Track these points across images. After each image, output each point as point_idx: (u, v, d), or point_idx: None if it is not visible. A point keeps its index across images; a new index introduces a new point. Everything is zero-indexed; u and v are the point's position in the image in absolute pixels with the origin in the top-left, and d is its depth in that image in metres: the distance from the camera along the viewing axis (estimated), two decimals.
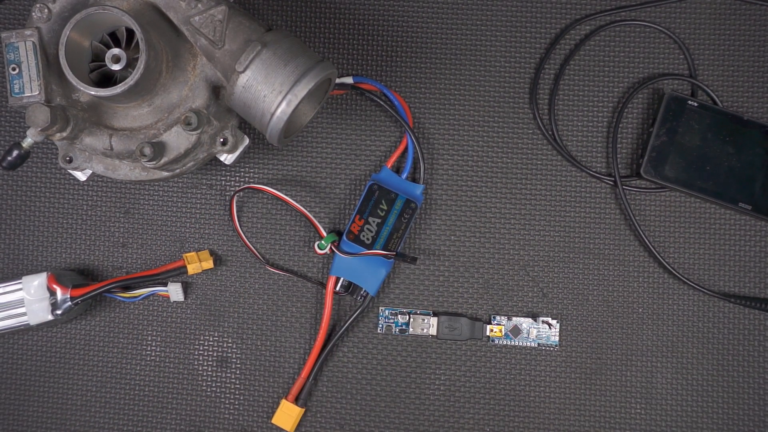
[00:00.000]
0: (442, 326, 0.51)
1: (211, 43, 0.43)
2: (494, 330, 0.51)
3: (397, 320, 0.52)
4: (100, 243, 0.54)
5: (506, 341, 0.51)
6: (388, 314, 0.52)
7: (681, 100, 0.52)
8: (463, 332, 0.51)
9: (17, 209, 0.54)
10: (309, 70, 0.42)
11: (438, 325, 0.51)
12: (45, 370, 0.53)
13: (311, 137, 0.54)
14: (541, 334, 0.51)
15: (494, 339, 0.52)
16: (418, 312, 0.52)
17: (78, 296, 0.49)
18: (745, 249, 0.52)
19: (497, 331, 0.51)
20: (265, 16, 0.55)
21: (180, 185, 0.54)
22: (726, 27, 0.54)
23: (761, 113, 0.53)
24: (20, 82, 0.42)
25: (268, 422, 0.52)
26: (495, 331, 0.51)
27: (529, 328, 0.51)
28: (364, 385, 0.53)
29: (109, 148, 0.44)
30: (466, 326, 0.51)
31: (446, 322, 0.51)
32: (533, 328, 0.51)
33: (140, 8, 0.43)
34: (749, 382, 0.52)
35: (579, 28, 0.54)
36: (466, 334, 0.51)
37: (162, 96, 0.45)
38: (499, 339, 0.52)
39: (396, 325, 0.52)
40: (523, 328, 0.51)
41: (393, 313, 0.52)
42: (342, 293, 0.52)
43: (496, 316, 0.52)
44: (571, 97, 0.54)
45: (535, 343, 0.51)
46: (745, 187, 0.51)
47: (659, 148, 0.52)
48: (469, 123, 0.54)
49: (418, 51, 0.55)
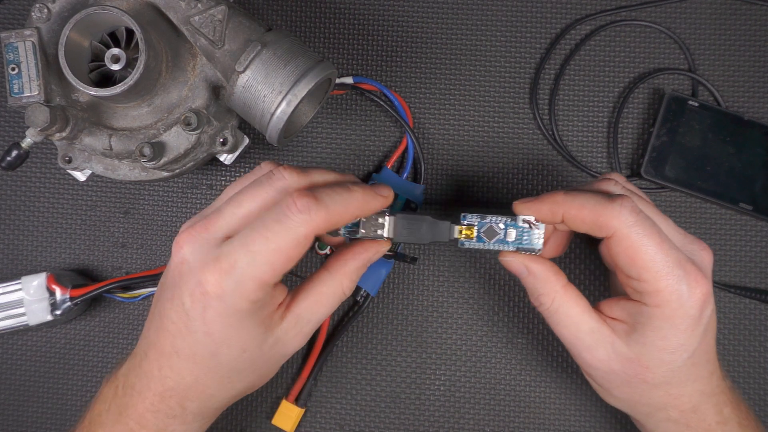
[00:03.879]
0: (399, 227, 0.41)
1: (210, 43, 0.43)
2: (464, 231, 0.41)
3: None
4: (100, 243, 0.54)
5: (479, 245, 0.41)
6: None
7: (681, 100, 0.52)
8: (423, 234, 0.41)
9: (17, 209, 0.54)
10: (309, 70, 0.42)
11: (394, 225, 0.41)
12: (45, 370, 0.53)
13: (311, 137, 0.54)
14: (522, 236, 0.41)
15: (464, 242, 0.41)
16: None
17: (77, 296, 0.49)
18: (746, 249, 0.52)
19: (466, 232, 0.41)
20: (265, 16, 0.55)
21: (180, 185, 0.54)
22: (726, 27, 0.54)
23: (762, 113, 0.53)
24: (19, 82, 0.42)
25: (268, 423, 0.52)
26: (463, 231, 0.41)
27: (507, 229, 0.41)
28: (364, 385, 0.53)
29: (108, 148, 0.44)
30: (427, 226, 0.41)
31: (404, 222, 0.41)
32: (512, 228, 0.41)
33: (140, 8, 0.43)
34: (750, 372, 0.52)
35: (579, 28, 0.54)
36: (427, 237, 0.41)
37: (162, 96, 0.44)
38: (470, 242, 0.41)
39: (345, 228, 0.40)
40: (499, 229, 0.41)
41: None
42: None
43: (467, 215, 0.41)
44: (572, 97, 0.54)
45: (514, 246, 0.41)
46: (746, 188, 0.51)
47: (660, 148, 0.52)
48: (469, 123, 0.54)
49: (418, 51, 0.54)
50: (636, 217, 0.37)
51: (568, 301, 0.40)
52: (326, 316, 0.40)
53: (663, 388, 0.39)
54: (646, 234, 0.37)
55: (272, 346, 0.38)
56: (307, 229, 0.35)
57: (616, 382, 0.40)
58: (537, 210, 0.40)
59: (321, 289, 0.39)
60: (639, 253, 0.37)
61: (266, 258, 0.35)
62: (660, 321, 0.37)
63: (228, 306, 0.36)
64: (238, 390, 0.40)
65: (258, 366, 0.39)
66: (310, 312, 0.39)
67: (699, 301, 0.37)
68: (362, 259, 0.40)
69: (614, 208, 0.37)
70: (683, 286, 0.37)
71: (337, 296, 0.40)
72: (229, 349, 0.37)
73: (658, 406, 0.40)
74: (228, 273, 0.35)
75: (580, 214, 0.38)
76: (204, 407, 0.40)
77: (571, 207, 0.38)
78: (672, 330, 0.37)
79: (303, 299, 0.39)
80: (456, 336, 0.53)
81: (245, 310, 0.36)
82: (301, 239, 0.35)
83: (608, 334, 0.39)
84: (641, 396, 0.40)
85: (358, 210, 0.38)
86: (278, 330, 0.38)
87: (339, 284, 0.40)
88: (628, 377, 0.39)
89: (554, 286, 0.40)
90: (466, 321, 0.53)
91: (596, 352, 0.39)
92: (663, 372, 0.38)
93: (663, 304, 0.37)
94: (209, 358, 0.37)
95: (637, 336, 0.38)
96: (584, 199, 0.38)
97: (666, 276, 0.37)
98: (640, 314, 0.38)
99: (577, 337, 0.40)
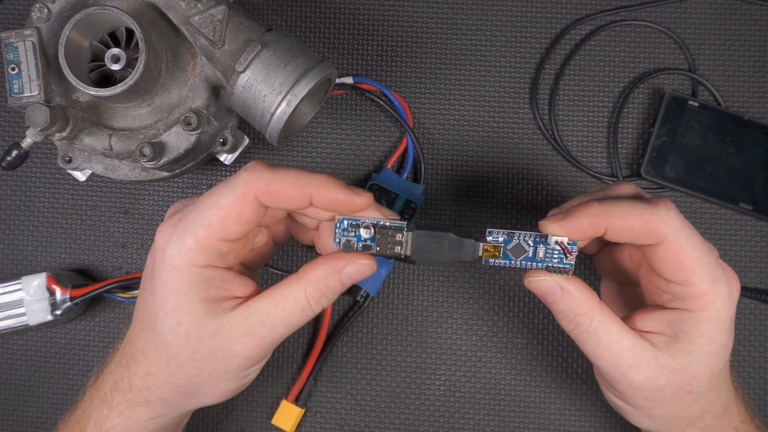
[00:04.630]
0: (418, 244, 0.37)
1: (210, 43, 0.43)
2: (488, 249, 0.37)
3: (359, 234, 0.37)
4: (100, 243, 0.54)
5: (505, 262, 0.38)
6: (347, 225, 0.37)
7: (681, 100, 0.52)
8: (445, 253, 0.37)
9: (17, 209, 0.54)
10: (309, 70, 0.42)
11: (413, 242, 0.37)
12: (45, 370, 0.53)
13: (311, 137, 0.54)
14: (552, 255, 0.37)
15: (488, 260, 0.38)
16: (388, 224, 0.37)
17: (77, 296, 0.49)
18: (746, 249, 0.52)
19: (492, 250, 0.37)
20: (265, 16, 0.55)
21: (180, 185, 0.54)
22: (726, 27, 0.54)
23: (762, 113, 0.53)
24: (19, 82, 0.42)
25: (268, 423, 0.52)
26: (489, 249, 0.37)
27: (536, 246, 0.37)
28: (364, 385, 0.53)
29: (108, 148, 0.44)
30: (450, 245, 0.37)
31: (425, 238, 0.37)
32: (541, 245, 0.37)
33: (140, 8, 0.43)
34: (750, 372, 0.52)
35: (579, 28, 0.54)
36: (449, 256, 0.37)
37: (162, 96, 0.44)
38: (496, 261, 0.38)
39: (358, 240, 0.37)
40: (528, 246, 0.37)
41: (354, 224, 0.37)
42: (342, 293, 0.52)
43: (493, 231, 0.37)
44: (572, 97, 0.54)
45: (543, 265, 0.37)
46: (746, 187, 0.51)
47: (660, 148, 0.52)
48: (469, 123, 0.54)
49: (418, 51, 0.54)
50: (682, 220, 0.36)
51: (606, 320, 0.37)
52: (285, 325, 0.37)
53: (704, 395, 0.38)
54: (693, 237, 0.36)
55: (214, 334, 0.36)
56: (245, 187, 0.35)
57: (660, 400, 0.38)
58: (575, 228, 0.36)
59: (282, 290, 0.37)
60: (688, 257, 0.35)
61: (206, 214, 0.35)
62: (706, 324, 0.36)
63: (168, 260, 0.36)
64: (181, 380, 0.37)
65: (198, 355, 0.37)
66: (264, 312, 0.36)
67: (736, 298, 0.37)
68: (331, 266, 0.37)
69: (662, 213, 0.35)
70: (725, 286, 0.36)
71: (299, 302, 0.36)
72: (165, 315, 0.36)
73: (697, 415, 0.38)
74: (174, 226, 0.36)
75: (627, 224, 0.35)
76: (147, 389, 0.38)
77: (615, 217, 0.35)
78: (717, 332, 0.36)
79: (261, 297, 0.37)
80: (456, 336, 0.53)
81: (184, 270, 0.35)
82: (239, 197, 0.35)
83: (650, 348, 0.37)
84: (683, 410, 0.38)
85: (310, 187, 0.35)
86: (224, 318, 0.36)
87: (302, 289, 0.36)
88: (673, 391, 0.37)
89: (591, 303, 0.37)
90: (466, 321, 0.53)
91: (641, 370, 0.37)
92: (708, 377, 0.37)
93: (708, 306, 0.36)
94: (150, 322, 0.37)
95: (681, 345, 0.36)
96: (627, 207, 0.36)
97: (711, 277, 0.36)
98: (682, 321, 0.36)
99: (620, 356, 0.37)
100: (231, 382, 0.38)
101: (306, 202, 0.36)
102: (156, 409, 0.39)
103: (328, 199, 0.36)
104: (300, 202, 0.36)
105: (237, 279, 0.37)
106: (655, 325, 0.38)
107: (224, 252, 0.36)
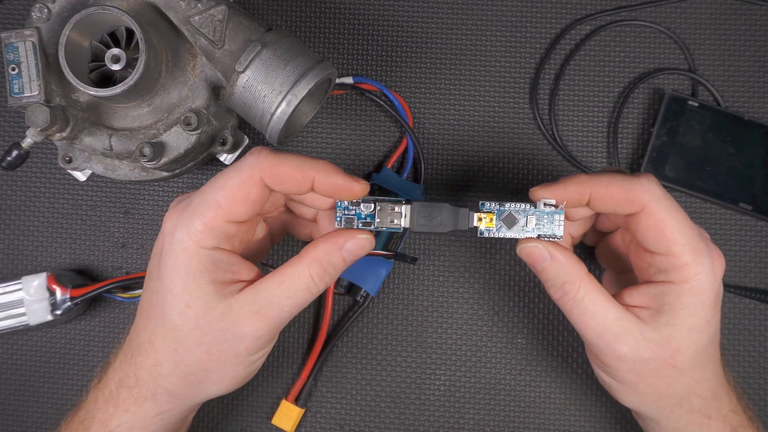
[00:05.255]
0: (416, 215, 0.40)
1: (210, 43, 0.43)
2: (482, 218, 0.40)
3: (359, 211, 0.40)
4: (100, 243, 0.54)
5: (499, 233, 0.40)
6: (348, 203, 0.40)
7: (681, 100, 0.52)
8: (443, 222, 0.40)
9: (17, 209, 0.54)
10: (309, 70, 0.42)
11: (412, 214, 0.40)
12: (45, 370, 0.53)
13: (311, 137, 0.54)
14: (542, 223, 0.40)
15: (483, 231, 0.40)
16: (387, 199, 0.40)
17: (78, 296, 0.49)
18: (746, 249, 0.52)
19: (486, 218, 0.40)
20: (265, 16, 0.55)
21: (180, 185, 0.54)
22: (726, 27, 0.54)
23: (762, 113, 0.53)
24: (20, 82, 0.42)
25: (268, 423, 0.52)
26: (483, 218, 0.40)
27: (527, 216, 0.40)
28: (364, 385, 0.53)
29: (108, 148, 0.44)
30: (447, 215, 0.40)
31: (422, 210, 0.40)
32: (532, 215, 0.40)
33: (140, 8, 0.43)
34: (750, 372, 0.52)
35: (579, 28, 0.54)
36: (447, 225, 0.40)
37: (162, 96, 0.44)
38: (490, 230, 0.40)
39: (358, 217, 0.40)
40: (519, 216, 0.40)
41: (354, 202, 0.40)
42: (342, 293, 0.52)
43: (486, 202, 0.40)
44: (572, 97, 0.54)
45: (534, 234, 0.40)
46: (746, 188, 0.51)
47: (660, 148, 0.52)
48: (469, 123, 0.54)
49: (418, 51, 0.54)
50: (662, 190, 0.37)
51: (593, 290, 0.38)
52: (292, 303, 0.38)
53: (688, 373, 0.38)
54: (673, 206, 0.37)
55: (222, 315, 0.37)
56: (251, 169, 0.36)
57: (644, 374, 0.38)
58: (562, 193, 0.38)
59: (286, 270, 0.38)
60: (668, 226, 0.36)
61: (213, 196, 0.36)
62: (689, 297, 0.37)
63: (176, 243, 0.36)
64: (189, 368, 0.38)
65: (207, 338, 0.37)
66: (270, 291, 0.37)
67: (720, 275, 0.37)
68: (333, 243, 0.38)
69: (642, 182, 0.37)
70: (707, 260, 0.37)
71: (303, 281, 0.37)
72: (173, 298, 0.36)
73: (683, 394, 0.39)
74: (181, 211, 0.37)
75: (610, 191, 0.37)
76: (154, 382, 0.38)
77: (599, 185, 0.38)
78: (700, 306, 0.37)
79: (267, 278, 0.38)
80: (456, 336, 0.53)
81: (192, 252, 0.36)
82: (245, 179, 0.36)
83: (635, 320, 0.38)
84: (668, 386, 0.39)
85: (312, 171, 0.37)
86: (232, 299, 0.37)
87: (306, 267, 0.38)
88: (657, 364, 0.38)
89: (580, 273, 0.38)
90: (466, 321, 0.53)
91: (625, 341, 0.37)
92: (691, 353, 0.37)
93: (691, 278, 0.36)
94: (158, 310, 0.37)
95: (665, 318, 0.37)
96: (609, 177, 0.38)
97: (693, 249, 0.36)
98: (666, 294, 0.37)
99: (605, 326, 0.38)
100: (239, 367, 0.39)
101: (308, 185, 0.37)
102: (162, 403, 0.39)
103: (328, 184, 0.37)
104: (302, 185, 0.37)
105: (243, 263, 0.38)
106: (642, 299, 0.39)
107: (231, 234, 0.37)
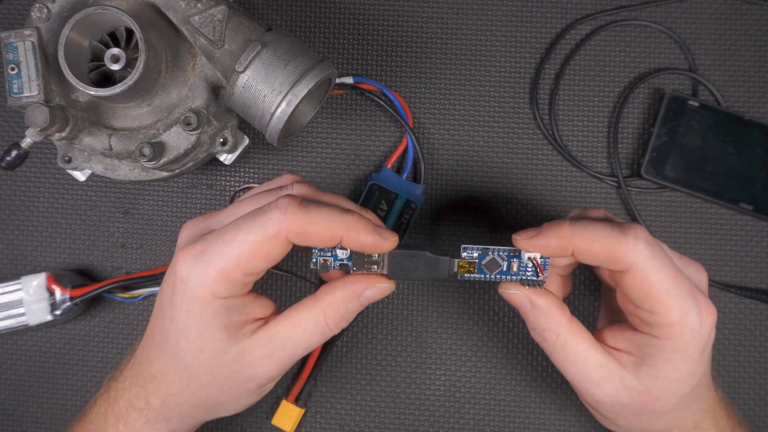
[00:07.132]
0: (394, 264, 0.38)
1: (210, 43, 0.43)
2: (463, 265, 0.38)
3: (335, 254, 0.38)
4: (100, 243, 0.54)
5: (480, 276, 0.39)
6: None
7: (682, 100, 0.52)
8: (421, 271, 0.38)
9: (16, 209, 0.54)
10: (309, 70, 0.42)
11: (388, 262, 0.38)
12: (44, 370, 0.53)
13: (311, 137, 0.54)
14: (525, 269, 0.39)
15: (464, 275, 0.39)
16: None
17: (77, 296, 0.49)
18: (746, 249, 0.52)
19: (467, 266, 0.38)
20: (265, 16, 0.55)
21: (180, 185, 0.54)
22: (726, 27, 0.54)
23: (762, 113, 0.53)
24: (19, 82, 0.42)
25: (268, 423, 0.52)
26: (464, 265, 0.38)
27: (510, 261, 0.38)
28: (363, 385, 0.53)
29: (108, 148, 0.44)
30: (425, 263, 0.38)
31: (400, 257, 0.38)
32: (515, 260, 0.38)
33: (140, 8, 0.43)
34: (750, 372, 0.52)
35: (579, 28, 0.54)
36: (425, 273, 0.38)
37: (161, 96, 0.44)
38: (471, 275, 0.39)
39: (335, 259, 0.38)
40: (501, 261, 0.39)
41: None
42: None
43: (468, 248, 0.38)
44: (572, 97, 0.54)
45: (517, 278, 0.39)
46: (746, 187, 0.51)
47: (660, 148, 0.52)
48: (469, 123, 0.54)
49: (418, 51, 0.54)
50: (651, 249, 0.35)
51: (574, 337, 0.38)
52: (305, 347, 0.37)
53: (670, 413, 0.38)
54: (662, 267, 0.35)
55: (235, 358, 0.37)
56: (278, 227, 0.34)
57: (623, 414, 0.39)
58: (544, 247, 0.37)
59: (302, 314, 0.37)
60: (654, 287, 0.35)
61: (233, 249, 0.35)
62: (671, 353, 0.36)
63: (190, 291, 0.35)
64: (201, 400, 0.38)
65: (219, 378, 0.37)
66: (284, 335, 0.37)
67: (708, 330, 0.36)
68: (351, 290, 0.37)
69: (629, 242, 0.35)
70: (695, 318, 0.36)
71: (318, 325, 0.37)
72: (187, 343, 0.36)
73: (663, 430, 0.39)
74: (197, 256, 0.35)
75: (592, 249, 0.36)
76: (166, 408, 0.38)
77: (582, 242, 0.36)
78: (684, 361, 0.36)
79: (281, 320, 0.37)
80: (456, 336, 0.53)
81: (206, 301, 0.35)
82: (269, 236, 0.35)
83: (616, 368, 0.37)
84: (648, 424, 0.39)
85: (342, 230, 0.35)
86: (245, 343, 0.37)
87: (321, 312, 0.37)
88: (636, 409, 0.38)
89: (560, 321, 0.38)
90: (466, 321, 0.53)
91: (605, 388, 0.38)
92: (672, 400, 0.37)
93: (675, 337, 0.36)
94: (170, 348, 0.37)
95: (647, 369, 0.37)
96: (595, 232, 0.36)
97: (680, 308, 0.35)
98: (649, 346, 0.36)
99: (585, 373, 0.38)
100: (250, 398, 0.40)
101: (335, 243, 0.36)
102: (174, 423, 0.39)
103: (357, 243, 0.36)
104: (329, 243, 0.36)
105: (256, 301, 0.38)
106: (625, 344, 0.38)
107: (247, 283, 0.37)
